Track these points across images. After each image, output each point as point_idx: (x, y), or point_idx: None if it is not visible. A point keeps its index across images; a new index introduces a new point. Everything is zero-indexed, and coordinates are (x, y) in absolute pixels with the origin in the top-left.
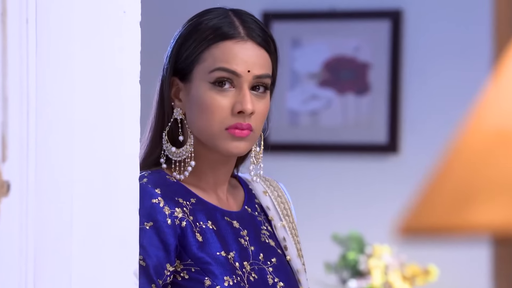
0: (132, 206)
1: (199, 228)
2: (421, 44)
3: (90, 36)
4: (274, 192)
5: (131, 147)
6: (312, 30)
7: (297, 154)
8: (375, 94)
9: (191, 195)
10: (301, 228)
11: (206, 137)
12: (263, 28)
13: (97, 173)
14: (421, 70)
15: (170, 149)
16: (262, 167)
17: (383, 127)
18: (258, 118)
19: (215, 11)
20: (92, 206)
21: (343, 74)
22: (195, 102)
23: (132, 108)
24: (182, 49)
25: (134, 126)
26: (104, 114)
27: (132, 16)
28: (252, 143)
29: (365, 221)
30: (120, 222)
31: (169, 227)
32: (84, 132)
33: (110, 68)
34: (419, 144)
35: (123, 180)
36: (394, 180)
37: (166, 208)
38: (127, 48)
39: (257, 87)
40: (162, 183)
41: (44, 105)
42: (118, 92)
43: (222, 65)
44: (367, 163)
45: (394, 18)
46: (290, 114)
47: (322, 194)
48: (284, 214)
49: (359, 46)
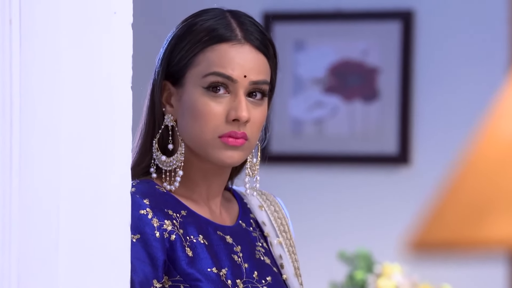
0: (123, 220)
1: (190, 242)
2: (434, 47)
3: (78, 39)
4: (271, 206)
5: (122, 157)
6: (317, 32)
7: (301, 165)
8: (384, 101)
9: (182, 207)
10: (304, 245)
11: (198, 145)
12: (262, 31)
13: (86, 185)
14: (434, 75)
15: (160, 157)
16: (258, 180)
17: (393, 136)
18: (254, 127)
19: (212, 11)
20: (79, 221)
21: (350, 79)
22: (187, 108)
23: (123, 116)
24: (175, 52)
25: (126, 135)
26: (93, 122)
27: (123, 17)
28: (247, 153)
29: (374, 237)
30: (111, 238)
31: (157, 240)
32: (72, 141)
33: (99, 73)
34: (431, 155)
35: (113, 193)
36: (405, 194)
37: (154, 220)
38: (118, 51)
39: (253, 93)
40: (151, 193)
41: (29, 112)
42: (108, 99)
43: (216, 70)
44: (376, 175)
45: (405, 19)
46: (293, 122)
47: (327, 208)
48: (281, 230)
49: (367, 49)
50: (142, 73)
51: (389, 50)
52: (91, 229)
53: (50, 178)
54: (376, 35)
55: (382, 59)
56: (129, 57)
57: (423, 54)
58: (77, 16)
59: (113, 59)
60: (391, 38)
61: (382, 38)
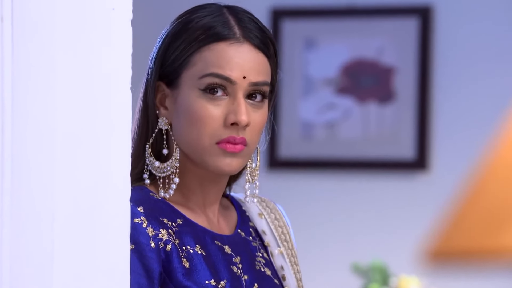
0: (122, 232)
1: (186, 252)
2: (454, 44)
3: (74, 37)
4: (271, 214)
5: (121, 163)
6: (328, 29)
7: (311, 171)
8: (401, 102)
9: (178, 215)
10: (315, 256)
11: (194, 151)
12: (262, 28)
13: (83, 192)
14: (453, 74)
15: (154, 163)
16: (258, 186)
17: (410, 140)
18: (253, 131)
19: (208, 7)
20: (76, 233)
21: (364, 79)
22: (183, 111)
23: (123, 119)
24: (169, 51)
25: (125, 138)
26: (90, 125)
27: (122, 13)
28: (246, 160)
29: (390, 249)
30: (109, 249)
31: (153, 251)
32: (67, 145)
33: (97, 73)
34: (451, 160)
35: (112, 200)
36: (422, 201)
37: (149, 229)
38: (117, 50)
39: (253, 95)
40: (145, 200)
41: (21, 115)
42: (107, 100)
43: (214, 70)
44: (391, 182)
45: (423, 15)
46: (303, 126)
47: (340, 217)
48: (282, 239)
49: (383, 47)
50: (142, 73)
51: (405, 48)
52: (88, 240)
53: (44, 184)
54: (392, 32)
55: (398, 58)
56: (128, 56)
57: (442, 53)
58: (73, 12)
59: (111, 58)
60: (408, 36)
61: (398, 35)
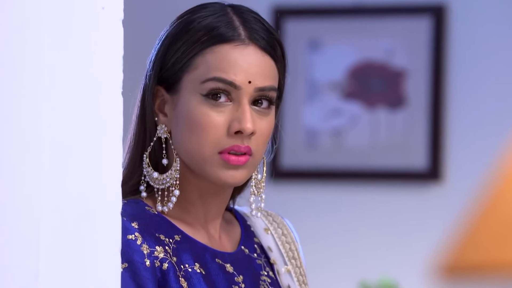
0: (112, 249)
1: (184, 271)
2: (470, 46)
3: (61, 38)
4: (278, 229)
5: (111, 175)
6: (334, 29)
7: (316, 182)
8: (412, 108)
9: (176, 231)
10: (320, 272)
11: (195, 161)
12: (268, 29)
13: (70, 206)
14: (469, 78)
15: (152, 174)
16: (263, 199)
17: (422, 149)
18: (259, 140)
19: (211, 6)
20: (62, 250)
21: (372, 83)
22: (183, 118)
23: (113, 125)
24: (169, 53)
25: (116, 147)
26: (78, 132)
27: (113, 12)
28: (251, 171)
29: (400, 264)
30: (98, 266)
31: (148, 270)
32: (54, 155)
33: (85, 76)
34: (465, 171)
35: (102, 214)
36: (435, 214)
37: (144, 247)
38: (107, 52)
39: (259, 101)
40: (140, 215)
41: (4, 122)
42: (96, 106)
43: (217, 75)
44: (402, 193)
45: (436, 14)
46: (307, 133)
47: (347, 231)
48: (290, 256)
49: (393, 49)
50: (135, 76)
51: (417, 49)
52: (75, 257)
53: (28, 197)
54: (402, 32)
55: (409, 60)
56: (119, 59)
57: (456, 54)
58: (59, 11)
59: (101, 60)
60: (420, 36)
61: (410, 36)
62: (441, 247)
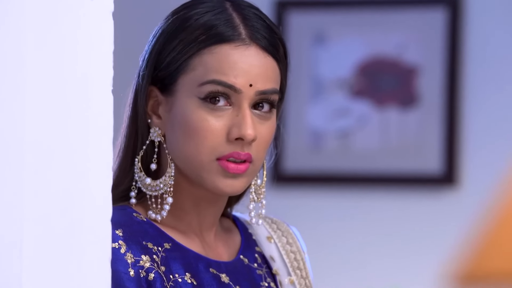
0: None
1: (174, 282)
2: (487, 41)
3: (46, 31)
4: (283, 238)
5: (100, 179)
6: (341, 22)
7: (321, 187)
8: (425, 108)
9: (166, 239)
10: (327, 282)
11: (192, 168)
12: (270, 27)
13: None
14: (486, 76)
15: (144, 180)
16: (264, 205)
17: (436, 152)
18: (260, 145)
19: (209, 1)
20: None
21: (383, 81)
22: (179, 122)
23: (103, 126)
24: (164, 52)
25: (105, 149)
26: (65, 134)
27: (102, 4)
28: (251, 179)
29: (412, 276)
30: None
31: (132, 280)
32: (38, 158)
33: (72, 73)
34: (482, 174)
35: (90, 223)
36: (450, 220)
37: (128, 255)
38: (96, 47)
39: (260, 104)
40: (125, 222)
41: None
42: (84, 105)
43: (216, 77)
44: (414, 199)
45: (451, 6)
46: (312, 134)
47: (355, 239)
48: (295, 266)
49: (404, 43)
50: (126, 73)
51: (431, 44)
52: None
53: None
54: (415, 26)
55: (422, 56)
56: (109, 54)
57: (472, 50)
58: (44, 2)
59: (89, 56)
60: (433, 30)
61: (423, 30)
62: (455, 256)
